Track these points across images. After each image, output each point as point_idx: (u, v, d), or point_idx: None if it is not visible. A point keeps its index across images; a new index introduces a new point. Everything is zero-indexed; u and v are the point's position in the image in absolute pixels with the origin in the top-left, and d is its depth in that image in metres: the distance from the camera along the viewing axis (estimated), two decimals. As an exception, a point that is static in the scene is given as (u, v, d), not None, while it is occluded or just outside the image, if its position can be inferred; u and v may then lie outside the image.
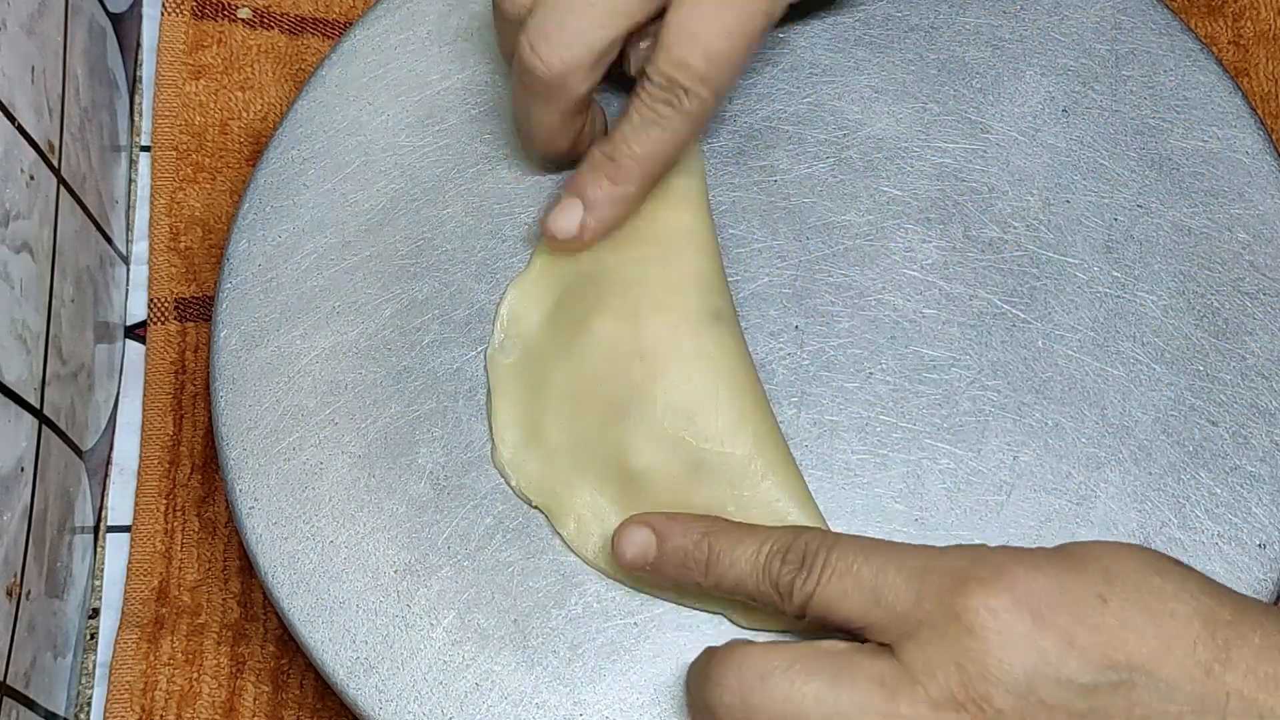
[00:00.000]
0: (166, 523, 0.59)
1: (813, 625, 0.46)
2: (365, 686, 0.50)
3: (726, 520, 0.49)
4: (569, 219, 0.51)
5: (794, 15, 0.57)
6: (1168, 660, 0.41)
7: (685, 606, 0.50)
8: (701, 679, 0.45)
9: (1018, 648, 0.42)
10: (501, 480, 0.52)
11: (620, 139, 0.50)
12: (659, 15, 0.50)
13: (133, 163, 0.65)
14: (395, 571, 0.51)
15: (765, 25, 0.50)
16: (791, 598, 0.45)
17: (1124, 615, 0.42)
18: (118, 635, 0.57)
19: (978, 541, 0.50)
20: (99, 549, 0.59)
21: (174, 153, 0.63)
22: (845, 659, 0.44)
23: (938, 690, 0.42)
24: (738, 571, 0.47)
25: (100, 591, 0.59)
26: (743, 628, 0.49)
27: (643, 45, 0.51)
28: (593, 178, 0.51)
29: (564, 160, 0.54)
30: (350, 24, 0.60)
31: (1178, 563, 0.44)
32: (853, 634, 0.45)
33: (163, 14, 0.65)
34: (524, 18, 0.50)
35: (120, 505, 0.60)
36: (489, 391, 0.52)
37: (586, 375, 0.51)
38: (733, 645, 0.45)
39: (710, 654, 0.46)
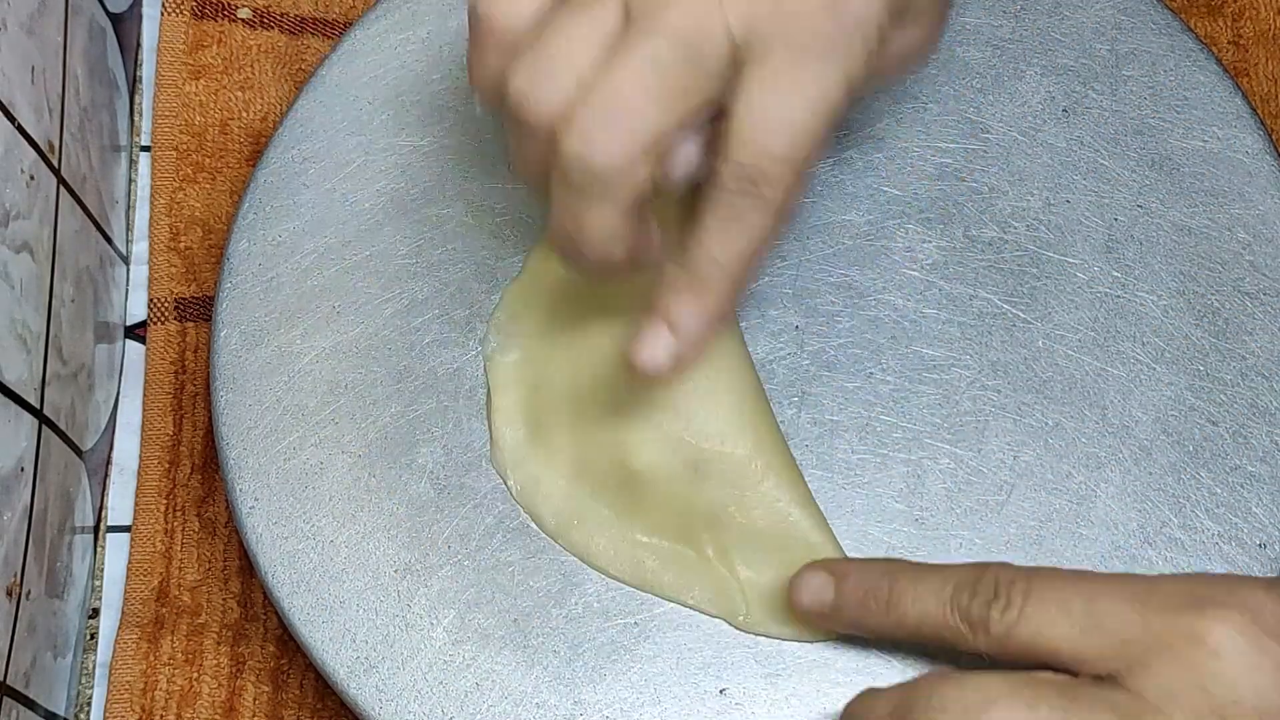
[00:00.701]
0: (166, 523, 0.59)
1: (1010, 659, 0.44)
2: (365, 686, 0.50)
3: (903, 560, 0.48)
4: (659, 349, 0.45)
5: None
6: None
7: (686, 607, 0.50)
8: (910, 705, 0.43)
9: (1269, 671, 0.41)
10: (501, 480, 0.52)
11: (699, 248, 0.44)
12: (708, 107, 0.44)
13: (133, 163, 0.65)
14: (395, 571, 0.51)
15: (849, 94, 0.44)
16: (988, 630, 0.44)
17: None
18: (118, 635, 0.57)
19: (978, 542, 0.50)
20: (99, 549, 0.59)
21: (174, 153, 0.63)
22: (1072, 688, 0.42)
23: (1183, 718, 0.41)
24: (922, 607, 0.45)
25: (100, 591, 0.59)
26: (744, 630, 0.50)
27: (687, 147, 0.45)
28: (675, 299, 0.45)
29: (613, 275, 0.47)
30: (350, 24, 0.60)
31: None
32: (1053, 667, 0.43)
33: (163, 14, 0.65)
34: (556, 120, 0.43)
35: (120, 505, 0.60)
36: (489, 391, 0.52)
37: (586, 375, 0.51)
38: (942, 674, 0.44)
39: (912, 686, 0.44)
